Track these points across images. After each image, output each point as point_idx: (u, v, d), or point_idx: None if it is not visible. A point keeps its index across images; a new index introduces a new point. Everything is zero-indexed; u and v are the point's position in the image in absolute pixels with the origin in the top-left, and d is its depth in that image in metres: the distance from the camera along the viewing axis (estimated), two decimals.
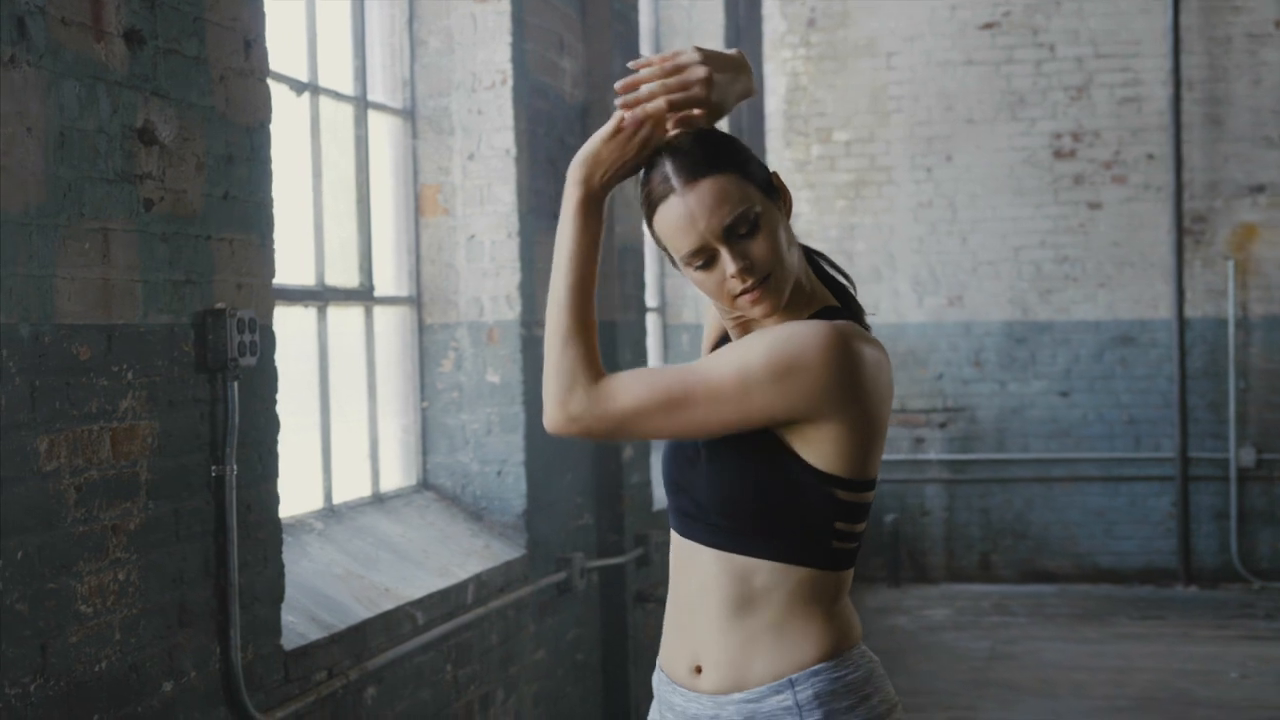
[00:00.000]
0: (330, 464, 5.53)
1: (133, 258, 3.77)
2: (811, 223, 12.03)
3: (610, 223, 6.95)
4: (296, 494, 5.34)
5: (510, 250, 6.21)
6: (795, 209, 11.93)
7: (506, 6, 6.22)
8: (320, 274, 5.51)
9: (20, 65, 3.39)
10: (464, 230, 6.24)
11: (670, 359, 9.34)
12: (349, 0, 5.87)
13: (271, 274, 4.39)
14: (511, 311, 6.19)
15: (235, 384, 4.09)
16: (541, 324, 6.27)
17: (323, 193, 5.51)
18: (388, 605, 5.02)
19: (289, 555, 5.01)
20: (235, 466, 4.10)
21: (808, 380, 2.52)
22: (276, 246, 5.04)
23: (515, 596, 5.96)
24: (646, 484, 7.34)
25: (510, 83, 6.21)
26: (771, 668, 2.61)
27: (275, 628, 4.37)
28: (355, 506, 5.68)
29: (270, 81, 5.17)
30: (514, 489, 6.20)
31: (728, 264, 2.53)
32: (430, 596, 5.26)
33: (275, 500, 4.39)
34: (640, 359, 7.34)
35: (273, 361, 4.38)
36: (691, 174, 2.53)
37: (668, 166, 2.55)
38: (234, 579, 4.10)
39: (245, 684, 4.14)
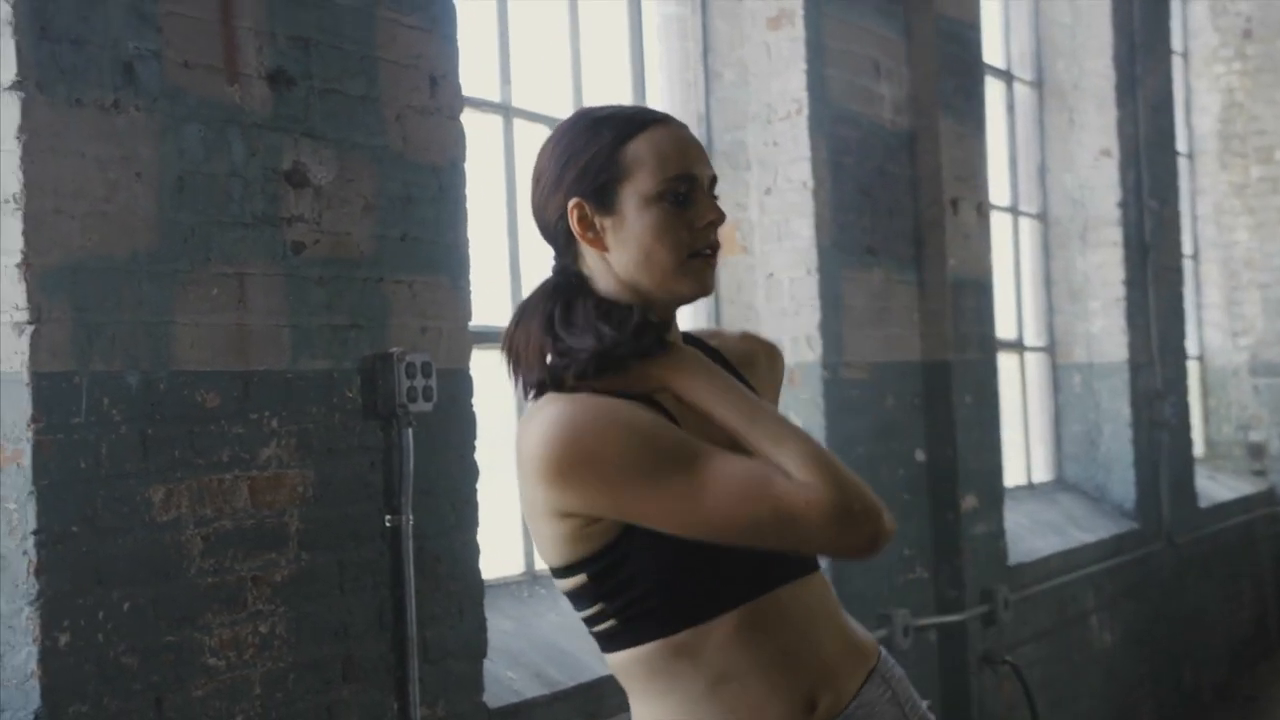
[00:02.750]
0: None
1: (277, 303, 3.68)
2: (1252, 251, 11.12)
3: (941, 258, 6.53)
4: None
5: (809, 288, 5.88)
6: (1232, 235, 11.04)
7: (801, 33, 5.92)
8: None
9: (126, 110, 3.36)
10: (762, 268, 5.96)
11: (1061, 403, 8.72)
12: (627, 41, 5.71)
13: (467, 316, 4.24)
14: (812, 353, 5.86)
15: (410, 431, 3.95)
16: (845, 364, 5.93)
17: None
18: None
19: (533, 609, 4.85)
20: (412, 516, 3.95)
21: None
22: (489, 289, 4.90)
23: None
24: (995, 535, 6.82)
25: (806, 112, 5.90)
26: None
27: (475, 684, 4.19)
28: None
29: (522, 121, 5.09)
30: None
31: (707, 209, 2.27)
32: None
33: (474, 552, 4.21)
34: (986, 401, 6.84)
35: (469, 407, 4.22)
36: (674, 121, 2.35)
37: (631, 109, 2.33)
38: (411, 632, 3.94)
39: None
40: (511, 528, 4.96)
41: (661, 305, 2.30)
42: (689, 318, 5.74)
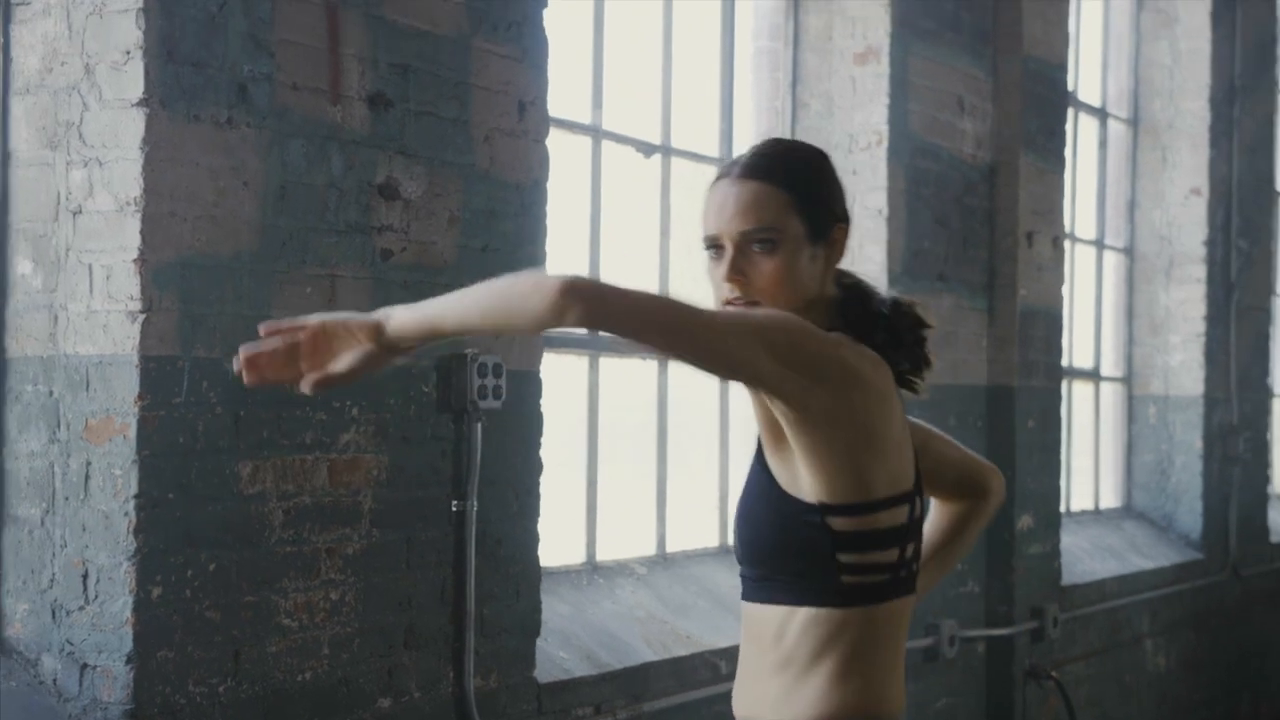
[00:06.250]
0: (665, 512, 5.71)
1: (364, 303, 4.08)
2: None
3: (1012, 287, 6.83)
4: (621, 539, 5.56)
5: None
6: None
7: (886, 69, 6.25)
8: None
9: (239, 126, 3.78)
10: None
11: (1135, 433, 8.97)
12: (719, 70, 6.07)
13: None
14: None
15: (479, 425, 4.34)
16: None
17: (669, 251, 5.72)
18: (681, 651, 5.14)
19: (590, 596, 5.23)
20: (476, 503, 4.35)
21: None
22: None
23: None
24: (1050, 556, 7.11)
25: (885, 143, 6.23)
26: (773, 713, 2.62)
27: (528, 659, 4.58)
28: (695, 556, 5.82)
29: (611, 143, 5.48)
30: None
31: (725, 266, 2.57)
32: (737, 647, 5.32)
33: (534, 539, 4.60)
34: (1050, 427, 7.13)
35: (536, 407, 4.60)
36: (750, 171, 2.61)
37: (745, 154, 2.66)
38: (470, 608, 4.34)
39: (481, 710, 4.36)
40: (576, 519, 5.35)
41: None
42: None
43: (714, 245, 2.60)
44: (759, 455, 2.64)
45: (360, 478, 4.09)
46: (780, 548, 2.58)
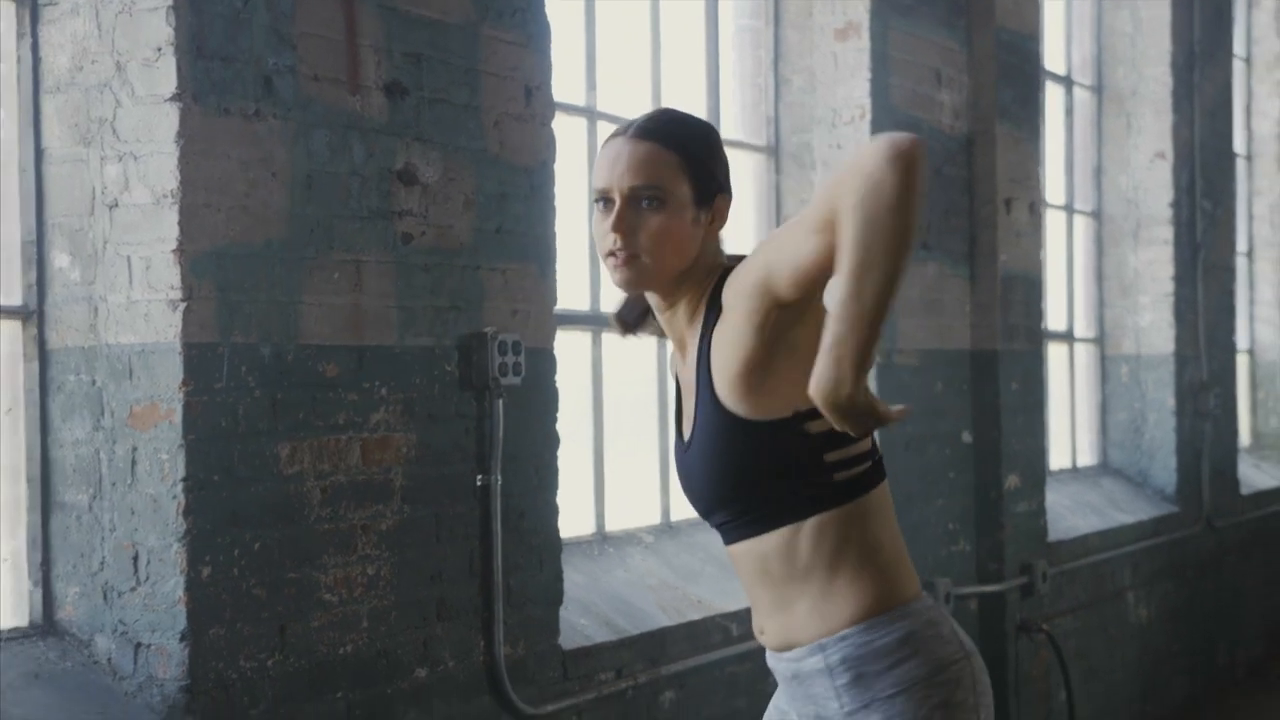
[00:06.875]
0: (668, 482, 5.85)
1: (387, 286, 4.21)
2: None
3: (992, 254, 7.00)
4: (628, 509, 5.70)
5: None
6: None
7: (867, 44, 6.39)
8: None
9: (266, 118, 3.89)
10: None
11: (1109, 392, 9.17)
12: (704, 49, 6.20)
13: (552, 301, 4.75)
14: None
15: (500, 402, 4.47)
16: (899, 351, 6.40)
17: None
18: (694, 615, 5.29)
19: (603, 565, 5.37)
20: (500, 477, 4.48)
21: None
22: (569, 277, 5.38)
23: None
24: (1036, 513, 7.29)
25: (868, 117, 6.38)
26: (809, 631, 2.73)
27: (553, 628, 4.71)
28: (699, 523, 5.96)
29: (606, 124, 5.60)
30: None
31: (613, 218, 2.70)
32: (747, 610, 5.47)
33: (554, 511, 4.74)
34: (1032, 389, 7.30)
35: (551, 383, 4.74)
36: (643, 132, 2.75)
37: (640, 117, 2.80)
38: (497, 579, 4.47)
39: (511, 677, 4.50)
40: (585, 491, 5.49)
41: None
42: None
43: (604, 199, 2.73)
44: (711, 405, 2.68)
45: (391, 455, 4.21)
46: (767, 474, 2.67)
